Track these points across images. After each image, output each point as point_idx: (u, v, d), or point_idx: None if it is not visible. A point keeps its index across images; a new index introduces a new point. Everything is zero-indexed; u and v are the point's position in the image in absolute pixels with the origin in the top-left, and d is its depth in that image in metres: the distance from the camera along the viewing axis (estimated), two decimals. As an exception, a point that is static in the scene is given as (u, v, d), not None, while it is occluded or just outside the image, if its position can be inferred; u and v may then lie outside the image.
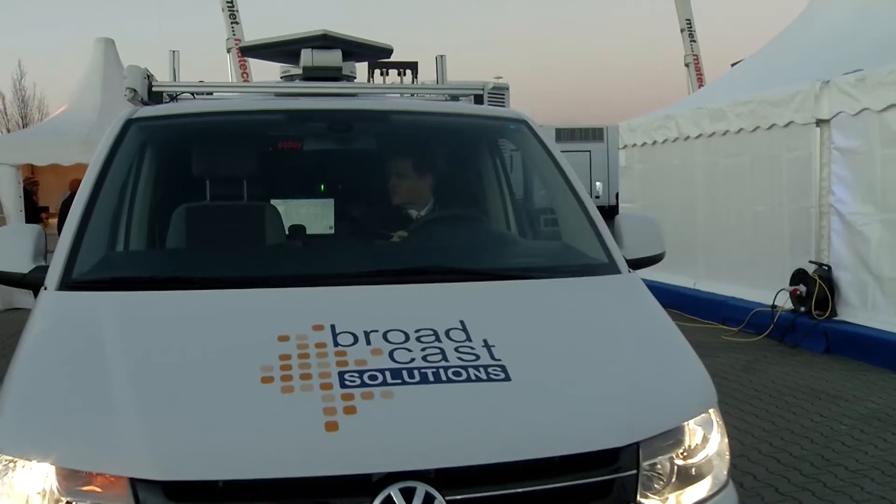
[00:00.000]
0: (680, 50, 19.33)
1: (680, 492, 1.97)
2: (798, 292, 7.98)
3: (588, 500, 1.86)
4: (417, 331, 2.06)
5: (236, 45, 16.00)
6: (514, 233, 3.49)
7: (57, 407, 1.89)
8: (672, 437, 1.98)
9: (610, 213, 18.60)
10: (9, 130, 34.02)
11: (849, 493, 4.15)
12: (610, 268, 2.63)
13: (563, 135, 24.20)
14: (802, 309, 7.91)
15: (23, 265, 2.46)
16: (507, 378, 1.94)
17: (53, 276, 2.37)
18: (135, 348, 2.07)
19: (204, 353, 2.05)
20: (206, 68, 67.77)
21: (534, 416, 1.89)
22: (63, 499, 1.75)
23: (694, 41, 19.04)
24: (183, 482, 1.70)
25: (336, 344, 2.00)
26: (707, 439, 2.06)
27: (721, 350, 7.77)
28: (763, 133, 8.77)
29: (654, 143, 11.20)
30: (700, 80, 18.72)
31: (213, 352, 2.05)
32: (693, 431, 2.03)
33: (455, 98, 3.65)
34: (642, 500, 1.89)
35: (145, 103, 3.17)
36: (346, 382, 1.86)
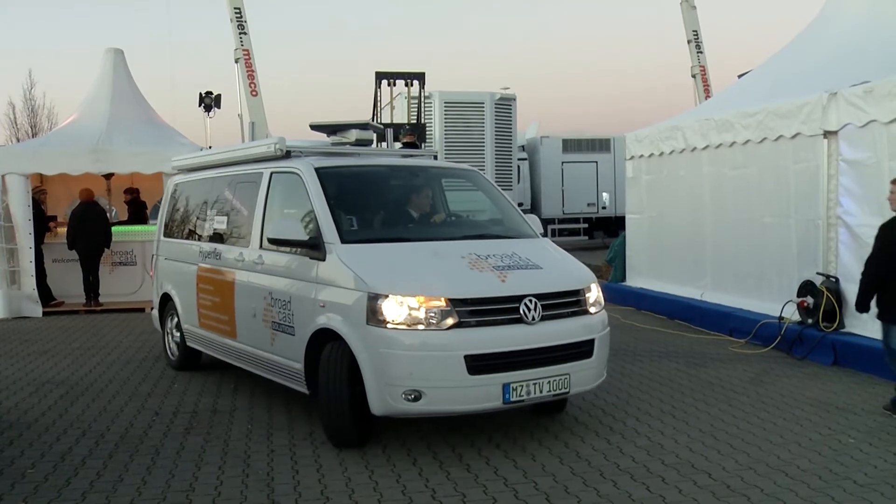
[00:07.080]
0: (687, 61, 19.33)
1: (593, 308, 5.38)
2: (805, 304, 7.96)
3: (572, 306, 5.24)
4: (503, 254, 5.28)
5: (244, 55, 16.13)
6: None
7: (402, 276, 4.93)
8: (590, 289, 5.41)
9: (618, 223, 18.56)
10: (18, 140, 34.21)
11: (857, 507, 4.12)
12: (536, 235, 6.02)
13: (570, 146, 24.03)
14: (810, 321, 7.89)
15: (302, 237, 5.37)
16: (541, 268, 5.31)
17: (334, 239, 5.22)
18: (408, 257, 5.23)
19: (439, 260, 5.17)
20: (213, 78, 68.10)
21: (554, 278, 5.30)
22: (420, 308, 4.72)
23: (701, 52, 18.99)
24: (462, 298, 4.80)
25: (481, 258, 5.14)
26: (597, 294, 5.46)
27: (728, 362, 7.75)
28: (770, 144, 8.77)
29: (661, 153, 11.20)
30: (707, 91, 18.66)
31: (442, 259, 5.17)
32: (594, 288, 5.46)
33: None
34: (588, 308, 5.33)
35: (281, 157, 6.16)
36: (499, 268, 5.08)
